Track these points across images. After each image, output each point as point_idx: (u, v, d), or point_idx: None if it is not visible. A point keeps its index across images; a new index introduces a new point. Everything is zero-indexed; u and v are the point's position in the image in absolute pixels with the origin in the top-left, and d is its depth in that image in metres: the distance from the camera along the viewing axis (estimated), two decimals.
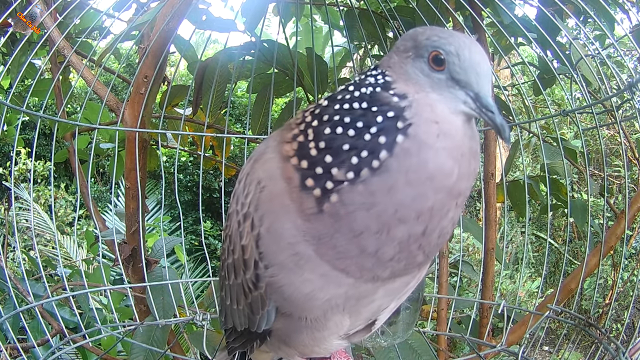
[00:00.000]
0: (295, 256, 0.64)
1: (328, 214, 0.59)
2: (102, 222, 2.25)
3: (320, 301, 0.68)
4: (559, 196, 1.96)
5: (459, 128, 0.61)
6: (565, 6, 1.43)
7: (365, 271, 0.64)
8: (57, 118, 1.38)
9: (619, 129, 1.23)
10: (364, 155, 0.58)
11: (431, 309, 1.59)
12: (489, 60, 0.63)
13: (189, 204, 7.03)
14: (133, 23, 1.52)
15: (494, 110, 0.60)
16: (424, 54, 0.62)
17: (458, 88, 0.61)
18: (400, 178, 0.57)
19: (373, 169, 0.58)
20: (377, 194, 0.58)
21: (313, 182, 0.60)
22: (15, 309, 1.22)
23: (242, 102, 6.93)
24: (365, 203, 0.58)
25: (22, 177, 5.26)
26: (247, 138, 1.83)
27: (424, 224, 0.60)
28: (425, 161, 0.58)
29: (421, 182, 0.58)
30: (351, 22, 1.76)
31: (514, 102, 4.77)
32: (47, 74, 2.71)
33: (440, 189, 0.59)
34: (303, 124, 0.65)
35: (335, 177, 0.59)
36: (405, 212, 0.58)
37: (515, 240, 5.79)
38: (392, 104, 0.60)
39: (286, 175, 0.63)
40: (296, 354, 0.83)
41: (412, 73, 0.63)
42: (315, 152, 0.61)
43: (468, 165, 0.61)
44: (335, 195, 0.59)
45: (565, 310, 1.33)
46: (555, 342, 4.28)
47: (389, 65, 0.65)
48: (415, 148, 0.58)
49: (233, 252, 0.73)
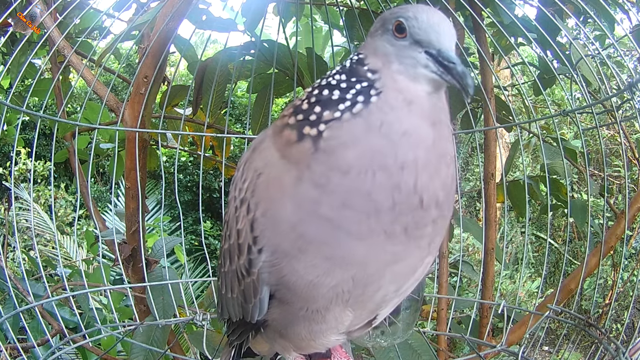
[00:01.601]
0: (298, 240, 0.66)
1: (322, 150, 0.65)
2: (102, 222, 2.25)
3: (326, 288, 0.68)
4: (559, 196, 1.96)
5: (423, 97, 0.67)
6: (565, 6, 1.43)
7: (373, 221, 0.65)
8: (57, 118, 1.38)
9: (619, 129, 1.23)
10: (347, 104, 0.66)
11: (431, 309, 1.59)
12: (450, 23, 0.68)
13: (189, 204, 7.03)
14: (133, 23, 1.52)
15: (454, 60, 0.65)
16: (389, 27, 0.69)
17: (420, 50, 0.67)
18: (375, 126, 0.65)
19: (353, 114, 0.66)
20: (357, 135, 0.65)
21: (309, 128, 0.67)
22: (15, 309, 1.22)
23: (242, 102, 6.93)
24: (349, 141, 0.65)
25: (22, 177, 5.26)
26: (247, 138, 1.83)
27: (412, 176, 0.65)
28: (397, 119, 0.65)
29: (395, 136, 0.64)
30: (351, 22, 1.76)
31: (514, 102, 4.77)
32: (47, 74, 2.71)
33: (417, 144, 0.65)
34: (293, 106, 0.72)
35: (325, 118, 0.66)
36: (383, 159, 0.64)
37: (515, 240, 5.79)
38: (366, 77, 0.68)
39: (284, 139, 0.69)
40: (292, 348, 0.83)
41: (380, 47, 0.70)
42: (306, 106, 0.69)
43: (441, 129, 0.68)
44: (327, 131, 0.66)
45: (565, 311, 1.33)
46: (555, 342, 4.28)
47: (364, 47, 0.74)
48: (387, 108, 0.66)
49: (229, 237, 0.76)
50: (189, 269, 5.13)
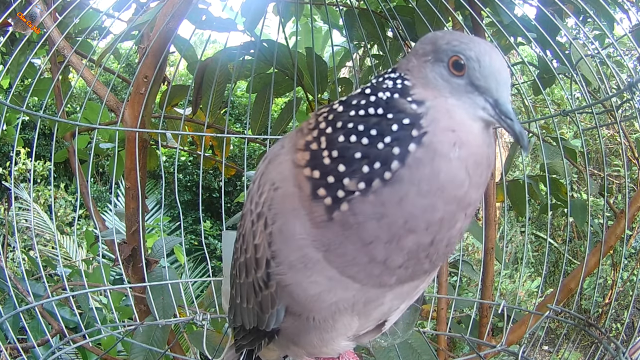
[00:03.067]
0: (303, 258, 0.65)
1: (338, 222, 0.60)
2: (102, 222, 2.25)
3: (327, 303, 0.68)
4: (559, 196, 1.96)
5: (477, 135, 0.60)
6: (564, 6, 1.43)
7: (373, 278, 0.64)
8: (57, 118, 1.38)
9: (619, 129, 1.23)
10: (377, 166, 0.58)
11: (431, 309, 1.59)
12: (508, 69, 0.62)
13: (189, 204, 7.03)
14: (133, 23, 1.52)
15: (512, 117, 0.60)
16: (444, 59, 0.62)
17: (477, 94, 0.61)
18: (411, 189, 0.57)
19: (384, 180, 0.57)
20: (387, 204, 0.58)
21: (325, 192, 0.60)
22: (15, 309, 1.22)
23: (242, 102, 6.93)
24: (376, 213, 0.58)
25: (22, 177, 5.25)
26: (246, 138, 1.83)
27: (432, 235, 0.60)
28: (437, 171, 0.57)
29: (432, 193, 0.57)
30: (351, 22, 1.76)
31: (513, 101, 4.76)
32: (46, 74, 2.71)
33: (450, 200, 0.58)
34: (316, 130, 0.64)
35: (347, 187, 0.59)
36: (415, 222, 0.58)
37: (515, 239, 5.79)
38: (409, 111, 0.59)
39: (298, 183, 0.63)
40: (304, 354, 0.83)
41: (431, 77, 0.62)
42: (328, 160, 0.61)
43: (480, 175, 0.61)
44: (346, 205, 0.59)
45: (565, 310, 1.33)
46: (555, 341, 4.28)
47: (408, 69, 0.64)
48: (429, 158, 0.57)
49: (245, 251, 0.74)
50: (189, 268, 5.13)
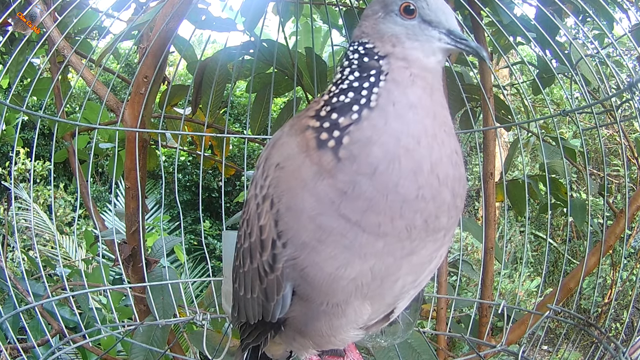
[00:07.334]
0: (317, 231, 0.66)
1: (345, 159, 0.66)
2: (102, 222, 2.25)
3: (346, 281, 0.69)
4: (558, 195, 1.96)
5: (427, 69, 0.71)
6: (564, 5, 1.43)
7: (397, 218, 0.66)
8: (56, 118, 1.38)
9: (619, 129, 1.23)
10: (363, 102, 0.69)
11: (431, 309, 1.59)
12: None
13: (188, 204, 7.03)
14: (133, 23, 1.52)
15: (466, 38, 0.72)
16: (394, 8, 0.72)
17: (431, 29, 0.72)
18: (389, 110, 0.67)
19: (371, 108, 0.68)
20: (378, 125, 0.67)
21: (327, 135, 0.68)
22: (15, 308, 1.22)
23: (242, 102, 6.93)
24: (372, 136, 0.66)
25: (22, 177, 5.25)
26: (246, 138, 1.83)
27: (427, 148, 0.67)
28: (403, 93, 0.68)
29: (406, 110, 0.68)
30: (350, 22, 1.76)
31: (513, 101, 4.77)
32: (46, 74, 2.71)
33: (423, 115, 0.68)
34: (317, 104, 0.74)
35: (342, 124, 0.68)
36: (405, 138, 0.66)
37: (515, 239, 5.79)
38: (376, 65, 0.71)
39: (304, 144, 0.70)
40: (310, 345, 0.82)
41: (385, 29, 0.73)
42: (324, 112, 0.71)
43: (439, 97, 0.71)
44: (347, 138, 0.67)
45: (564, 310, 1.33)
46: (555, 341, 4.29)
47: (363, 32, 0.75)
48: (394, 85, 0.69)
49: (250, 236, 0.76)
50: (188, 268, 5.13)
